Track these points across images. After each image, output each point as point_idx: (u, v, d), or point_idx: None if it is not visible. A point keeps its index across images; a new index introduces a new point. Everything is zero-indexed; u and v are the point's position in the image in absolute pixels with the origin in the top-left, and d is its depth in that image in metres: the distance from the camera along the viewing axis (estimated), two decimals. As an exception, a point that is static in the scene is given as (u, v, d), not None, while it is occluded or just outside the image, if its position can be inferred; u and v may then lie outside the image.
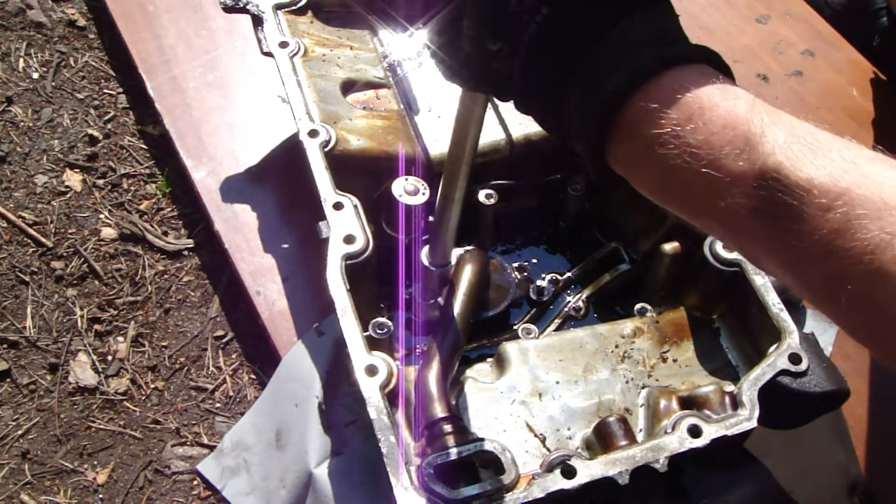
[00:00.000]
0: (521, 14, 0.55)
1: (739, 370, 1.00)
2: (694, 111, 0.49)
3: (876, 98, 1.51)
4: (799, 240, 0.46)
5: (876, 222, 0.43)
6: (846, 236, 0.44)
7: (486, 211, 1.08)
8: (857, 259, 0.43)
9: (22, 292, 1.30)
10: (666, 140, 0.50)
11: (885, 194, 0.44)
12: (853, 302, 0.45)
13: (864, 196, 0.44)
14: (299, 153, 0.99)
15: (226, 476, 1.07)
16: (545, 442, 0.91)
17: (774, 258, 0.49)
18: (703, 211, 0.51)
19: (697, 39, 0.54)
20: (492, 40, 0.58)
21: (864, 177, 0.45)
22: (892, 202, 0.43)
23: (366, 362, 0.81)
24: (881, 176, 0.45)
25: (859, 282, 0.44)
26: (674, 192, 0.52)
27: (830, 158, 0.46)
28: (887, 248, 0.43)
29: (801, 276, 0.48)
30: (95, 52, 1.61)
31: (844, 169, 0.45)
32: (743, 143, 0.48)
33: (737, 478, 1.00)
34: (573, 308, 1.09)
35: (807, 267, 0.47)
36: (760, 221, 0.47)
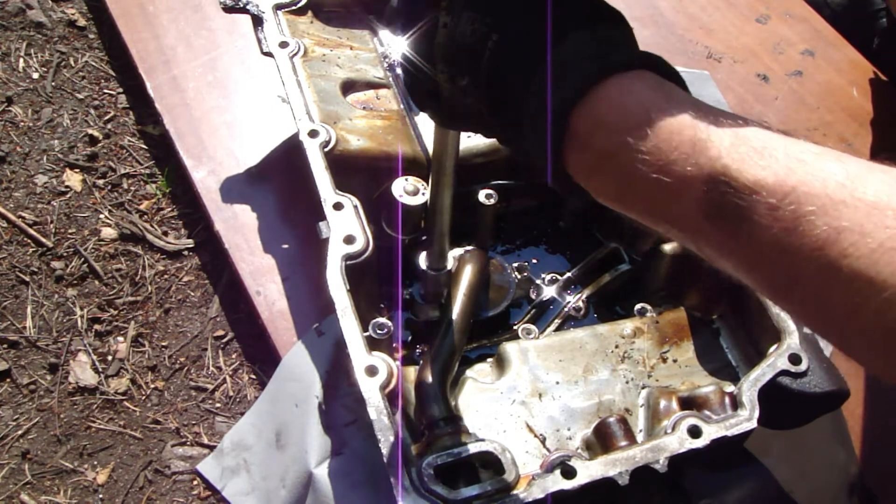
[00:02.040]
0: (476, 45, 0.58)
1: (739, 370, 1.00)
2: (640, 119, 0.50)
3: (875, 98, 1.51)
4: (751, 240, 0.46)
5: (823, 218, 0.44)
6: (795, 233, 0.44)
7: (486, 211, 1.08)
8: (808, 255, 0.44)
9: (22, 292, 1.30)
10: (617, 148, 0.51)
11: (830, 189, 0.44)
12: (807, 298, 0.46)
13: (810, 192, 0.44)
14: (299, 153, 0.99)
15: (226, 476, 1.07)
16: (545, 442, 0.91)
17: (731, 259, 0.50)
18: (660, 216, 0.52)
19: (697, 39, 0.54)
20: (460, 76, 0.61)
21: (809, 173, 0.45)
22: (837, 197, 0.44)
23: (366, 362, 0.81)
24: (826, 171, 0.45)
25: (811, 277, 0.44)
26: (631, 200, 0.54)
27: (776, 157, 0.46)
28: (835, 242, 0.43)
29: (758, 274, 0.49)
30: (95, 52, 1.61)
31: (790, 167, 0.46)
32: (690, 147, 0.48)
33: (737, 478, 1.00)
34: (573, 308, 1.09)
35: (761, 266, 0.47)
36: (713, 224, 0.48)
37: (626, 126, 0.50)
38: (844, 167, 0.45)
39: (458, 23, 0.59)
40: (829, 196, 0.44)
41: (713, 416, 0.87)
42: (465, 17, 0.59)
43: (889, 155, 0.48)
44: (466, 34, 0.59)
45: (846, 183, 0.44)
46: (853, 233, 0.43)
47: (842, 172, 0.45)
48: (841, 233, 0.43)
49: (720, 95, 1.45)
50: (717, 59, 1.52)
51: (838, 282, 0.43)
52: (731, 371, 1.01)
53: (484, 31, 0.58)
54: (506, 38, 0.57)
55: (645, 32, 1.53)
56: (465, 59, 0.60)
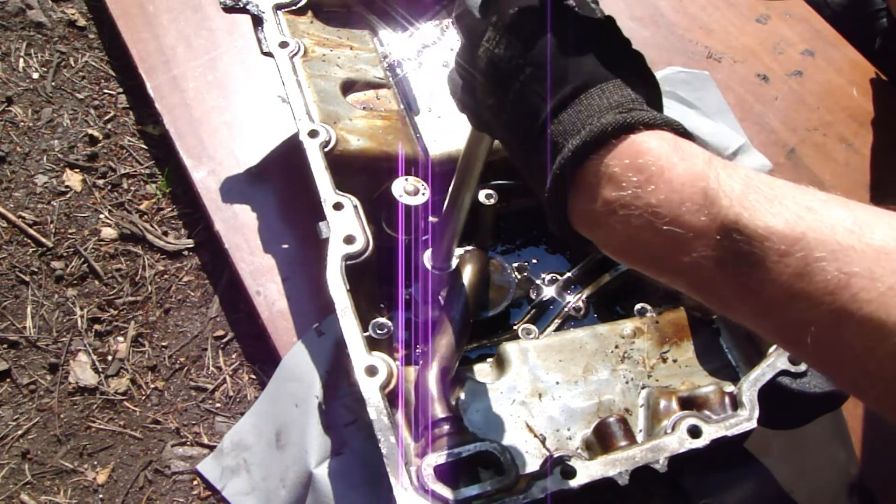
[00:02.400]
0: (510, 71, 0.59)
1: (739, 370, 1.00)
2: (653, 172, 0.51)
3: (876, 98, 1.51)
4: (763, 287, 0.47)
5: (833, 263, 0.44)
6: (806, 279, 0.45)
7: (486, 211, 1.08)
8: (819, 301, 0.45)
9: (22, 292, 1.30)
10: (626, 202, 0.51)
11: (839, 236, 0.45)
12: (819, 343, 0.46)
13: (820, 239, 0.45)
14: (299, 153, 0.99)
15: (226, 476, 1.07)
16: (545, 442, 0.91)
17: (742, 307, 0.50)
18: (668, 268, 0.53)
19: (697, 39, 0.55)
20: (490, 94, 0.62)
21: (818, 220, 0.46)
22: (846, 243, 0.45)
23: (366, 362, 0.81)
24: (834, 217, 0.46)
25: (822, 323, 0.45)
26: (638, 252, 0.54)
27: (785, 205, 0.47)
28: (845, 287, 0.44)
29: (769, 321, 0.49)
30: (95, 52, 1.61)
31: (799, 214, 0.47)
32: (702, 198, 0.49)
33: (737, 478, 1.00)
34: (573, 308, 1.09)
35: (772, 312, 0.48)
36: (725, 272, 0.49)
37: (638, 180, 0.51)
38: (852, 213, 0.46)
39: (499, 43, 0.59)
40: (838, 242, 0.45)
41: (713, 416, 0.87)
42: (505, 40, 0.59)
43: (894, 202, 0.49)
44: (503, 58, 0.59)
45: (854, 229, 0.45)
46: (863, 278, 0.43)
47: (849, 219, 0.46)
48: (851, 278, 0.44)
49: (720, 95, 1.45)
50: (717, 59, 1.52)
51: (849, 326, 0.44)
52: (731, 371, 1.01)
53: (519, 63, 0.58)
54: (540, 74, 0.57)
55: (645, 32, 1.53)
56: (497, 80, 0.60)
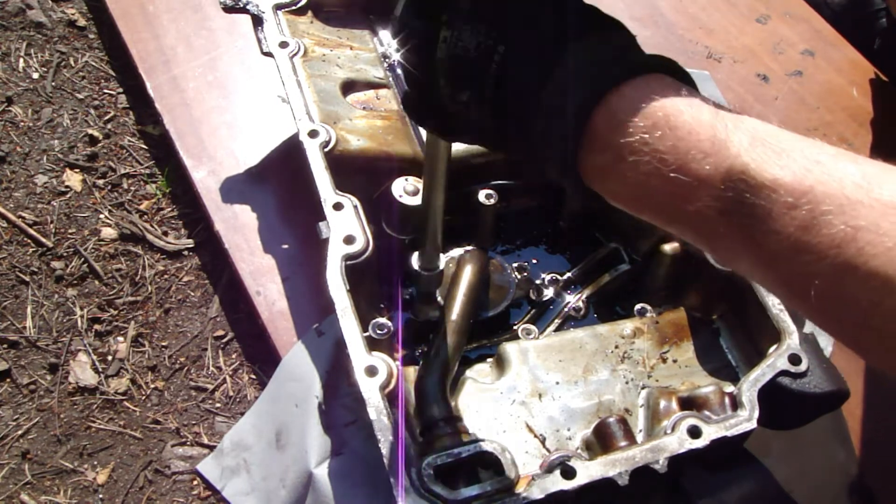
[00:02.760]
0: (480, 58, 0.58)
1: (739, 370, 1.00)
2: (659, 118, 0.50)
3: (875, 98, 1.51)
4: (767, 238, 0.47)
5: (839, 217, 0.44)
6: (812, 232, 0.45)
7: (486, 211, 1.08)
8: (824, 254, 0.44)
9: (22, 292, 1.30)
10: (634, 148, 0.51)
11: (846, 190, 0.45)
12: (822, 296, 0.46)
13: (827, 192, 0.45)
14: (299, 153, 0.99)
15: (226, 476, 1.07)
16: (545, 442, 0.91)
17: (746, 258, 0.50)
18: (674, 216, 0.53)
19: (697, 39, 0.55)
20: (461, 91, 0.60)
21: (826, 174, 0.46)
22: (854, 197, 0.44)
23: (366, 363, 0.81)
24: (843, 172, 0.46)
25: (827, 276, 0.45)
26: (646, 200, 0.54)
27: (794, 158, 0.47)
28: (851, 241, 0.43)
29: (773, 273, 0.49)
30: (95, 52, 1.61)
31: (807, 167, 0.46)
32: (709, 146, 0.49)
33: (737, 478, 1.00)
34: (573, 308, 1.09)
35: (776, 264, 0.48)
36: (729, 222, 0.49)
37: (645, 126, 0.51)
38: (861, 168, 0.46)
39: (461, 36, 0.58)
40: (846, 196, 0.44)
41: (713, 416, 0.87)
42: (467, 30, 0.58)
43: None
44: (470, 48, 0.58)
45: (863, 183, 0.45)
46: (870, 232, 0.43)
47: (858, 173, 0.45)
48: (858, 232, 0.43)
49: (720, 95, 1.45)
50: (717, 59, 1.52)
51: (854, 280, 0.44)
52: (731, 371, 1.01)
53: (489, 44, 0.57)
54: (514, 48, 0.57)
55: (645, 32, 1.53)
56: (468, 73, 0.59)
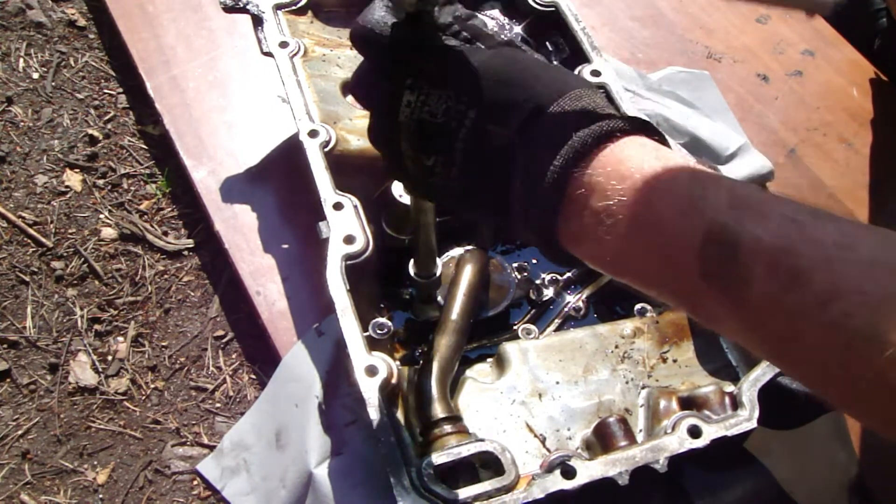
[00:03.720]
0: (450, 122, 0.56)
1: (739, 370, 1.00)
2: (636, 180, 0.50)
3: (875, 99, 1.51)
4: (749, 299, 0.46)
5: (822, 276, 0.44)
6: (794, 292, 0.44)
7: (486, 211, 1.08)
8: (808, 314, 0.44)
9: (22, 292, 1.30)
10: (612, 211, 0.50)
11: (827, 248, 0.44)
12: (807, 357, 0.46)
13: (808, 251, 0.44)
14: (299, 153, 0.99)
15: (226, 476, 1.07)
16: (545, 442, 0.91)
17: (730, 320, 0.49)
18: (655, 280, 0.52)
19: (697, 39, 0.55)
20: (426, 156, 0.59)
21: (805, 233, 0.45)
22: (834, 255, 0.44)
23: (366, 362, 0.81)
24: (823, 230, 0.45)
25: (811, 337, 0.44)
26: (626, 264, 0.53)
27: (772, 217, 0.46)
28: (834, 301, 0.43)
29: (756, 335, 0.48)
30: (95, 52, 1.61)
31: (787, 226, 0.46)
32: (687, 205, 0.49)
33: (737, 478, 1.00)
34: (573, 308, 1.09)
35: (759, 326, 0.47)
36: (710, 284, 0.48)
37: (622, 188, 0.50)
38: (839, 227, 0.45)
39: (426, 101, 0.57)
40: (827, 255, 0.44)
41: (713, 416, 0.87)
42: (434, 94, 0.57)
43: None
44: (437, 113, 0.57)
45: (843, 241, 0.44)
46: (853, 291, 0.43)
47: (837, 232, 0.45)
48: (840, 291, 0.43)
49: (720, 95, 1.45)
50: (717, 59, 1.52)
51: (837, 340, 0.43)
52: (731, 371, 1.00)
53: (460, 109, 0.56)
54: (488, 113, 0.55)
55: (645, 32, 1.53)
56: (434, 137, 0.58)
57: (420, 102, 0.58)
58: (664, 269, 0.50)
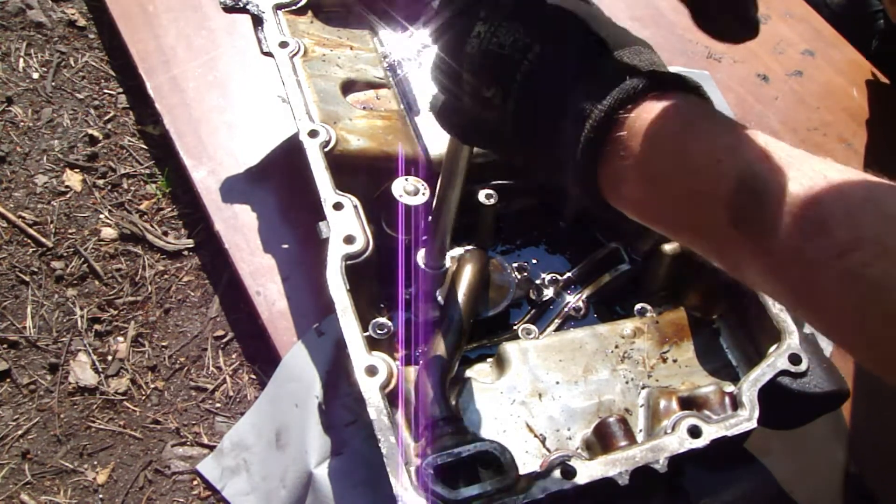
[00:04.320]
0: (514, 54, 0.59)
1: (739, 370, 1.00)
2: (679, 129, 0.53)
3: (872, 99, 1.51)
4: (774, 246, 0.49)
5: (844, 227, 0.46)
6: (817, 241, 0.46)
7: (486, 211, 1.08)
8: (827, 263, 0.46)
9: (22, 292, 1.30)
10: (652, 155, 0.53)
11: (852, 203, 0.46)
12: (824, 304, 0.48)
13: (834, 204, 0.47)
14: (299, 153, 0.99)
15: (226, 476, 1.07)
16: (545, 442, 0.91)
17: (754, 266, 0.51)
18: (686, 223, 0.55)
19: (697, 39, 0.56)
20: (486, 86, 0.62)
21: (833, 186, 0.48)
22: (860, 209, 0.46)
23: (366, 362, 0.81)
24: (850, 186, 0.48)
25: (829, 284, 0.46)
26: (660, 207, 0.55)
27: (803, 171, 0.49)
28: (855, 251, 0.45)
29: (778, 281, 0.50)
30: (95, 52, 1.61)
31: (815, 180, 0.48)
32: (722, 155, 0.51)
33: (737, 478, 1.00)
34: (573, 308, 1.09)
35: (781, 272, 0.49)
36: (738, 230, 0.50)
37: (666, 134, 0.53)
38: (868, 183, 0.48)
39: (496, 32, 0.60)
40: (852, 208, 0.46)
41: (713, 416, 0.87)
42: (504, 27, 0.60)
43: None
44: (505, 44, 0.59)
45: (868, 196, 0.47)
46: (873, 243, 0.45)
47: (865, 188, 0.47)
48: (861, 242, 0.45)
49: (720, 95, 1.45)
50: (717, 59, 1.52)
51: (854, 288, 0.45)
52: (731, 371, 1.01)
53: (526, 42, 0.59)
54: (550, 50, 0.58)
55: (645, 32, 1.53)
56: (497, 69, 0.60)
57: (489, 34, 0.60)
58: (695, 213, 0.52)
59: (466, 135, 0.72)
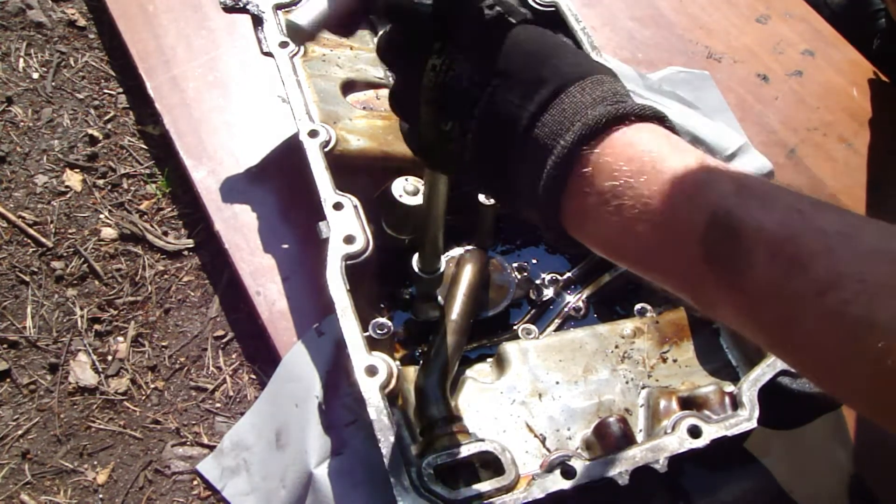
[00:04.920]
0: (472, 88, 0.58)
1: (739, 370, 1.00)
2: (645, 163, 0.51)
3: (874, 98, 1.51)
4: (750, 285, 0.47)
5: (823, 264, 0.44)
6: (795, 279, 0.45)
7: (486, 211, 1.08)
8: (806, 301, 0.44)
9: (22, 292, 1.30)
10: (619, 191, 0.51)
11: (829, 238, 0.45)
12: (804, 344, 0.46)
13: (810, 239, 0.45)
14: (299, 153, 0.99)
15: (226, 476, 1.07)
16: (545, 442, 0.91)
17: (728, 305, 0.49)
18: (656, 262, 0.53)
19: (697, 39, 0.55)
20: (444, 121, 0.60)
21: (808, 222, 0.46)
22: (836, 245, 0.44)
23: (366, 362, 0.81)
24: (825, 220, 0.46)
25: (809, 323, 0.45)
26: (627, 246, 0.53)
27: (777, 206, 0.47)
28: (834, 288, 0.43)
29: (755, 319, 0.49)
30: (95, 52, 1.61)
31: (790, 215, 0.47)
32: (693, 190, 0.49)
33: (736, 477, 1.00)
34: (573, 308, 1.09)
35: (758, 312, 0.48)
36: (712, 268, 0.48)
37: (630, 170, 0.51)
38: (842, 217, 0.46)
39: (452, 66, 0.58)
40: (828, 244, 0.44)
41: (713, 416, 0.87)
42: (460, 60, 0.58)
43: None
44: (462, 78, 0.58)
45: (844, 231, 0.45)
46: (852, 280, 0.43)
47: (839, 222, 0.46)
48: (840, 279, 0.43)
49: (720, 95, 1.45)
50: (717, 59, 1.52)
51: (835, 327, 0.43)
52: (731, 371, 1.01)
53: (484, 76, 0.57)
54: (509, 84, 0.57)
55: (645, 32, 1.53)
56: (454, 104, 0.59)
57: (445, 67, 0.59)
58: (666, 252, 0.51)
59: (432, 162, 0.70)
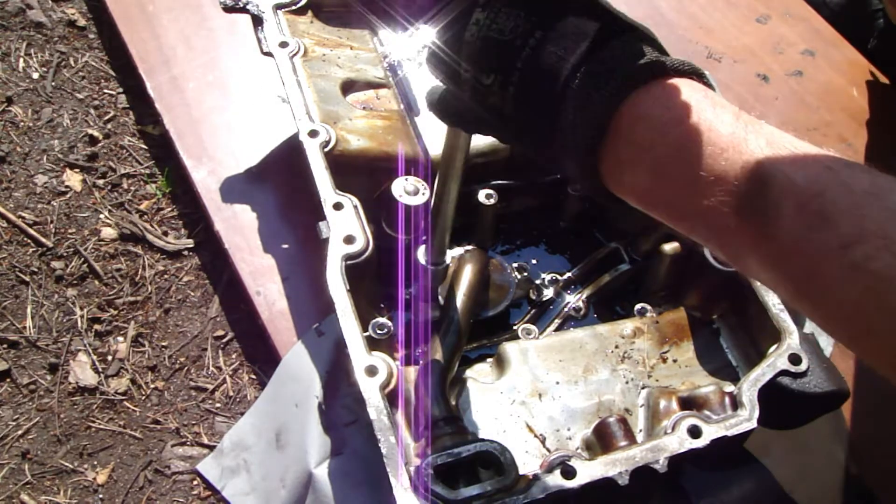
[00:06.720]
0: (515, 40, 0.58)
1: (739, 370, 1.00)
2: (682, 115, 0.52)
3: (873, 98, 1.51)
4: (776, 236, 0.49)
5: (848, 219, 0.46)
6: (820, 233, 0.46)
7: (486, 211, 1.08)
8: (830, 254, 0.46)
9: (22, 292, 1.30)
10: (657, 140, 0.53)
11: (856, 195, 0.46)
12: (825, 296, 0.48)
13: (838, 195, 0.47)
14: (299, 153, 0.99)
15: (226, 476, 1.07)
16: (545, 442, 0.91)
17: (754, 255, 0.51)
18: (688, 211, 0.54)
19: (697, 39, 0.56)
20: (485, 74, 0.61)
21: (838, 179, 0.48)
22: (863, 202, 0.46)
23: (366, 363, 0.81)
24: (854, 179, 0.47)
25: (831, 276, 0.46)
26: (661, 195, 0.55)
27: (807, 163, 0.49)
28: (857, 244, 0.45)
29: (780, 270, 0.50)
30: (95, 52, 1.61)
31: (820, 171, 0.48)
32: (728, 143, 0.51)
33: (737, 478, 1.00)
34: (573, 308, 1.09)
35: (782, 263, 0.49)
36: (741, 218, 0.50)
37: (668, 120, 0.52)
38: (871, 177, 0.48)
39: (496, 18, 0.59)
40: (855, 201, 0.46)
41: (713, 416, 0.87)
42: (505, 13, 0.59)
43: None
44: (505, 30, 0.58)
45: (872, 191, 0.46)
46: (876, 236, 0.44)
47: (868, 181, 0.47)
48: (865, 235, 0.45)
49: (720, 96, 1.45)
50: (717, 59, 1.52)
51: (857, 280, 0.45)
52: (731, 371, 1.01)
53: (527, 28, 0.58)
54: (552, 36, 0.57)
55: (645, 32, 1.53)
56: (497, 55, 0.59)
57: (489, 20, 0.59)
58: (698, 201, 0.52)
59: (466, 123, 0.71)
